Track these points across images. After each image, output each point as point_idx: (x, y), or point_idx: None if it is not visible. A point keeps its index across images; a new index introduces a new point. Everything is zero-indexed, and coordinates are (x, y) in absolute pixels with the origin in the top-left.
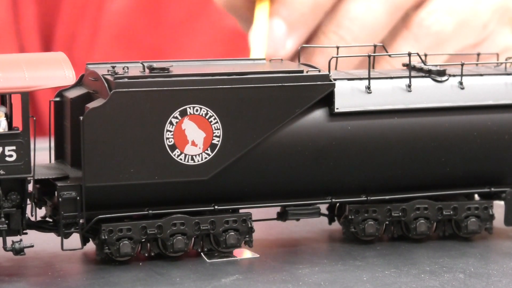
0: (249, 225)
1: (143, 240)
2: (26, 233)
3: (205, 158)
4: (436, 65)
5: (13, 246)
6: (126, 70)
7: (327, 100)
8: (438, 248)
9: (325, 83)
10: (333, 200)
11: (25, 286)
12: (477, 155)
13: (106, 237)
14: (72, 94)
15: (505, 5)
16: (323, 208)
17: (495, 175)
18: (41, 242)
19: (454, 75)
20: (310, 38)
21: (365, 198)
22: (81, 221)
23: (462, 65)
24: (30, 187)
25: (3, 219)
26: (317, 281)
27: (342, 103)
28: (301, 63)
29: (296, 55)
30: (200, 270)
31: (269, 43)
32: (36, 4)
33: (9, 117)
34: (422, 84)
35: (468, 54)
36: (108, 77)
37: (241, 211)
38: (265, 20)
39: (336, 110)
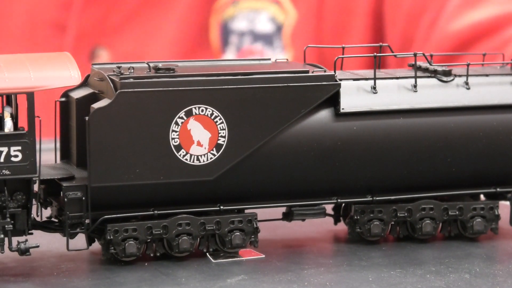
0: (255, 225)
1: (149, 240)
2: (31, 234)
3: (211, 158)
4: (442, 65)
5: (19, 246)
6: (132, 71)
7: (333, 100)
8: (443, 248)
9: (331, 83)
10: (339, 200)
11: (30, 286)
12: (482, 155)
13: (111, 237)
14: (77, 94)
15: None
16: (329, 208)
17: (501, 175)
18: (47, 243)
19: (459, 75)
20: None
21: (371, 199)
22: (86, 221)
23: (468, 65)
24: (35, 187)
25: (8, 219)
26: (322, 282)
27: (347, 103)
28: (307, 63)
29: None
30: (205, 270)
31: None
32: None
33: (14, 118)
34: (427, 84)
35: (474, 54)
36: (114, 77)
37: (246, 211)
38: None
39: (341, 110)
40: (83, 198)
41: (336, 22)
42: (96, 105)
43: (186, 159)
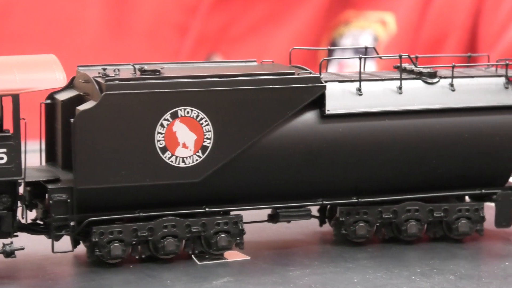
0: (240, 227)
1: (134, 242)
2: (17, 236)
3: (196, 160)
4: (427, 67)
5: (4, 248)
6: (117, 72)
7: (318, 102)
8: (429, 250)
9: (316, 85)
10: (324, 202)
11: None
12: (468, 157)
13: (97, 239)
14: (63, 96)
15: None
16: (314, 210)
17: (486, 177)
18: (32, 245)
19: (445, 77)
20: None
21: (356, 200)
22: (72, 223)
23: (453, 67)
24: (21, 189)
25: None
26: (308, 283)
27: (333, 105)
28: (292, 65)
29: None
30: (191, 273)
31: None
32: None
33: None
34: (413, 86)
35: (459, 56)
36: (99, 79)
37: (232, 213)
38: None
39: (327, 112)
40: (69, 200)
41: (432, 36)
42: (82, 107)
43: (172, 161)
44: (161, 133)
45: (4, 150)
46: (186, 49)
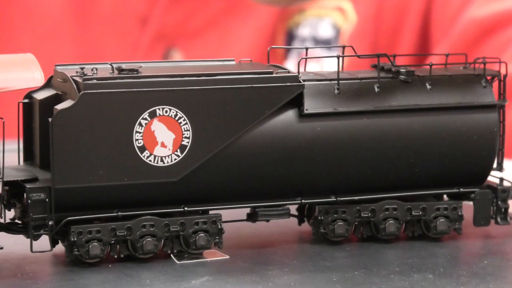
0: (219, 226)
1: (113, 241)
2: None
3: (175, 159)
4: (405, 66)
5: None
6: (95, 72)
7: (297, 101)
8: (407, 248)
9: (295, 84)
10: (303, 201)
11: None
12: (446, 155)
13: (75, 239)
14: (41, 95)
15: None
16: (293, 209)
17: (464, 175)
18: (11, 244)
19: (422, 76)
20: None
21: (335, 199)
22: (50, 223)
23: (431, 66)
24: None
25: None
26: (287, 282)
27: (311, 104)
28: (271, 64)
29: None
30: (170, 272)
31: None
32: None
33: None
34: (390, 85)
35: (437, 55)
36: (77, 78)
37: (211, 212)
38: None
39: (305, 111)
40: (47, 199)
41: (391, 24)
42: (60, 107)
43: (150, 160)
44: (140, 132)
45: None
46: (145, 41)
